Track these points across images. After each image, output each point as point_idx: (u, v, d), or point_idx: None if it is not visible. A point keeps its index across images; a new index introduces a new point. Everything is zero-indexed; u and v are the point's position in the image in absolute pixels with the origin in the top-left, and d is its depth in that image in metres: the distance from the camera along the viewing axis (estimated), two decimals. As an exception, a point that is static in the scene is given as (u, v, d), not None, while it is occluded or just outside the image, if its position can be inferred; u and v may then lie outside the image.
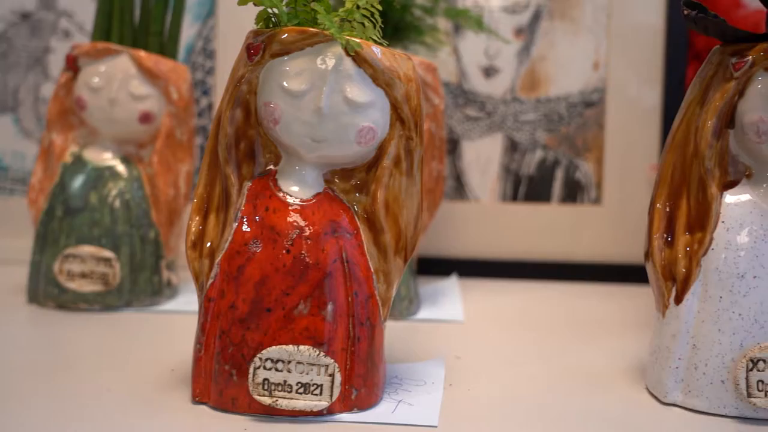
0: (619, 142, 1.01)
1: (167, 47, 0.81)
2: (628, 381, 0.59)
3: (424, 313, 0.80)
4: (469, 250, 1.02)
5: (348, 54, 0.49)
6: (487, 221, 1.03)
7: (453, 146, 1.03)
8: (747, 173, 0.53)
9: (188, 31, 1.07)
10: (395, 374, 0.57)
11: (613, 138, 1.01)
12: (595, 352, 0.67)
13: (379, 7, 0.51)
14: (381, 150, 0.51)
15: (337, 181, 0.52)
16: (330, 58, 0.49)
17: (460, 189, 1.03)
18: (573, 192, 1.02)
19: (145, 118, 0.78)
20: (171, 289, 0.82)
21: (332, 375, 0.48)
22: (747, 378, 0.50)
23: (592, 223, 1.01)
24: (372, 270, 0.51)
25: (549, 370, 0.62)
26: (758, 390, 0.50)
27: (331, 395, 0.48)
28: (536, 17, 1.02)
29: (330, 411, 0.49)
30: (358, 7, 0.50)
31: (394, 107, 0.50)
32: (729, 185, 0.53)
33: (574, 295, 0.94)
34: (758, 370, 0.50)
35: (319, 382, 0.48)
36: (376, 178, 0.51)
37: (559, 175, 1.02)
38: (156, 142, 0.79)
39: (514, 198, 1.03)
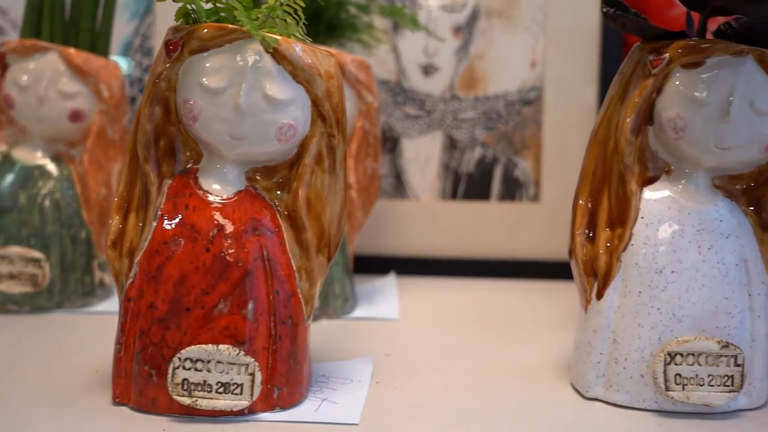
0: (556, 139, 1.01)
1: (99, 44, 0.80)
2: (555, 377, 0.59)
3: (359, 312, 0.79)
4: (409, 248, 1.02)
5: (267, 50, 0.48)
6: (426, 219, 1.03)
7: (393, 144, 1.03)
8: (666, 169, 0.54)
9: (126, 28, 1.05)
10: (322, 372, 0.57)
11: (550, 136, 1.01)
12: (527, 348, 0.68)
13: (302, 4, 0.50)
14: (303, 147, 0.51)
15: (259, 178, 0.52)
16: (249, 55, 0.48)
17: (399, 187, 1.03)
18: (512, 190, 1.03)
19: (75, 116, 0.77)
20: (104, 289, 0.81)
21: (252, 374, 0.48)
22: (665, 372, 0.51)
23: (530, 221, 1.02)
24: (294, 268, 0.51)
25: (479, 367, 0.62)
26: (676, 384, 0.50)
27: (252, 394, 0.48)
28: (474, 16, 1.03)
29: (251, 410, 0.49)
30: (280, 3, 0.50)
31: (315, 104, 0.50)
32: (648, 181, 0.54)
33: (513, 292, 0.94)
34: (676, 364, 0.50)
35: (239, 382, 0.48)
36: (297, 175, 0.51)
37: (498, 172, 1.02)
38: (87, 141, 0.78)
39: (454, 196, 1.03)
